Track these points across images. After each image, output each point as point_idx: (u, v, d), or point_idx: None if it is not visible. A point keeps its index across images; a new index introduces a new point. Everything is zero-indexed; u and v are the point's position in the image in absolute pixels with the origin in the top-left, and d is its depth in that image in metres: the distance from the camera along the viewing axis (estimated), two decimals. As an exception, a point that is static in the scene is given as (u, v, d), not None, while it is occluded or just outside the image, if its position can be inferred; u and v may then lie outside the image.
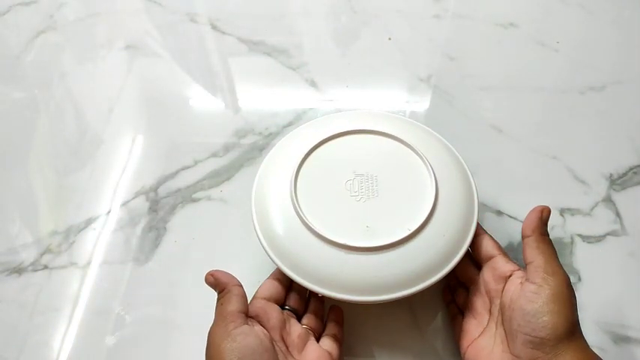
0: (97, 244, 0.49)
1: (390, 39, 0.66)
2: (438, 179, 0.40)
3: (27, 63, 0.66)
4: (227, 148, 0.56)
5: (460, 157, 0.44)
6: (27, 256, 0.48)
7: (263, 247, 0.39)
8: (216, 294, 0.36)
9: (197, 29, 0.69)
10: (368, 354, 0.42)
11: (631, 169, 0.53)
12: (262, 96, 0.61)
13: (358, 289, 0.36)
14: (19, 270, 0.48)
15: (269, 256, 0.39)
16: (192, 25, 0.69)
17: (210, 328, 0.34)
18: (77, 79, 0.64)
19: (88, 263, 0.48)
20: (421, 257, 0.37)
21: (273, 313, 0.37)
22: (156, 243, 0.49)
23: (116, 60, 0.66)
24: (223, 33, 0.68)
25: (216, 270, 0.36)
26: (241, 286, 0.36)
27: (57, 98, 0.62)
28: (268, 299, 0.38)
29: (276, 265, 0.38)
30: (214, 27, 0.69)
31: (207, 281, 0.36)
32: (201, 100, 0.62)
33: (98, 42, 0.68)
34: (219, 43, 0.67)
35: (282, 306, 0.39)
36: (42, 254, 0.49)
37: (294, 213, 0.39)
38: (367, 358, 0.42)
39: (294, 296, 0.40)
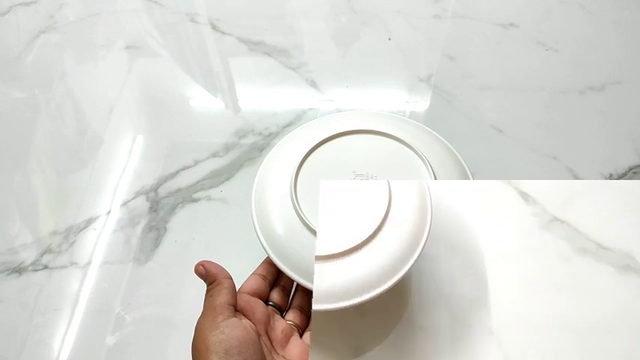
0: (97, 244, 0.49)
1: (390, 39, 0.66)
2: (438, 179, 0.40)
3: (27, 63, 0.66)
4: (227, 148, 0.56)
5: (460, 157, 0.44)
6: (27, 256, 0.48)
7: (263, 247, 0.39)
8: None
9: (197, 29, 0.69)
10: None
11: (631, 169, 0.53)
12: (262, 96, 0.61)
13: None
14: (19, 270, 0.48)
15: (269, 256, 0.39)
16: (192, 25, 0.69)
17: (198, 319, 0.34)
18: (77, 79, 0.64)
19: (89, 263, 0.48)
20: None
21: (259, 307, 0.37)
22: (156, 243, 0.49)
23: (116, 60, 0.66)
24: (223, 33, 0.68)
25: (206, 261, 0.36)
26: (231, 278, 0.36)
27: (57, 98, 0.62)
28: (252, 294, 0.38)
29: (277, 265, 0.38)
30: (214, 27, 0.69)
31: (196, 271, 0.36)
32: (201, 100, 0.62)
33: (98, 42, 0.68)
34: (219, 43, 0.67)
35: (265, 302, 0.39)
36: (42, 254, 0.49)
37: (294, 213, 0.39)
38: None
39: (277, 292, 0.40)
